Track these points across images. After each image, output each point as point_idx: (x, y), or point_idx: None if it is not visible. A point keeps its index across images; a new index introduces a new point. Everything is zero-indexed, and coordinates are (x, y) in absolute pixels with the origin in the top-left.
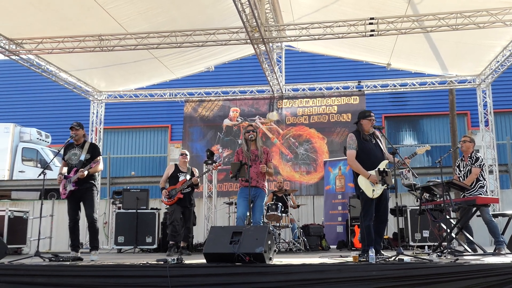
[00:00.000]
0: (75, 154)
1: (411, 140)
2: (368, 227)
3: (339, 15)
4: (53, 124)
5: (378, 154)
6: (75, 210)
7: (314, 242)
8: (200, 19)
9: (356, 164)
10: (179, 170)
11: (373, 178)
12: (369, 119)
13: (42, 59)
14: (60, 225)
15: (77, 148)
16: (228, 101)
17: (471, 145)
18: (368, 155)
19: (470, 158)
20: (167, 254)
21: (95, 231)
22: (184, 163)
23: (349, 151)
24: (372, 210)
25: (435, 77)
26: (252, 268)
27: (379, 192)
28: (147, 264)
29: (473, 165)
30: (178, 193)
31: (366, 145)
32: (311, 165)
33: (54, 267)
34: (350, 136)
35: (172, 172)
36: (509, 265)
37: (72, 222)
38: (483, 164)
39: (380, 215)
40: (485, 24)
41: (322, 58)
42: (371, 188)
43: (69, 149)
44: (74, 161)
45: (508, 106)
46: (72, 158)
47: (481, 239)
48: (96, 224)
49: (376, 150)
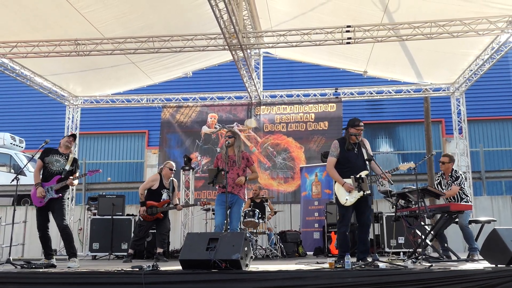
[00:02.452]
0: (58, 161)
1: (387, 147)
2: (343, 233)
3: (316, 23)
4: (28, 129)
5: (359, 164)
6: (45, 219)
7: (291, 248)
8: (178, 25)
9: (333, 172)
10: (163, 186)
11: (347, 186)
12: (357, 128)
13: (17, 63)
14: (33, 231)
15: (62, 156)
16: (206, 107)
17: (451, 165)
18: (349, 164)
19: (451, 176)
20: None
21: (69, 237)
22: (169, 177)
23: (330, 157)
24: (347, 217)
25: (411, 85)
26: (228, 275)
27: (353, 201)
28: (122, 271)
29: (454, 183)
30: (159, 213)
31: (348, 154)
32: (289, 174)
33: (26, 274)
34: (334, 143)
35: (157, 187)
36: (482, 271)
37: (41, 232)
38: (463, 182)
39: (362, 224)
40: (458, 33)
41: (299, 65)
42: (345, 196)
43: (52, 153)
44: (56, 168)
45: (481, 114)
46: (54, 164)
47: (455, 245)
48: (68, 229)
49: (357, 159)
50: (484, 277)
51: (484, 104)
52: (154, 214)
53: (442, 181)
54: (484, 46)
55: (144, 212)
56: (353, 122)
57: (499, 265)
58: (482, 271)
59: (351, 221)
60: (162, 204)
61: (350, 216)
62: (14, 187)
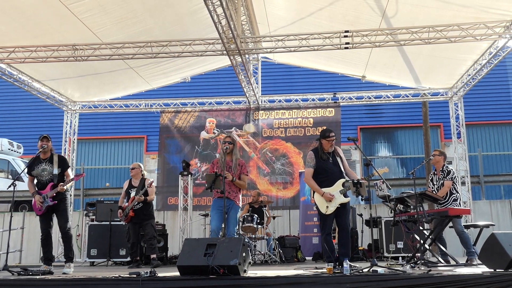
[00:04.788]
0: (45, 169)
1: (386, 152)
2: (325, 240)
3: (314, 28)
4: (26, 135)
5: (336, 173)
6: (48, 222)
7: (289, 253)
8: (176, 30)
9: (311, 182)
10: (131, 185)
11: (326, 196)
12: (328, 140)
13: (15, 69)
14: (31, 237)
15: (46, 163)
16: (204, 112)
17: (441, 159)
18: (325, 173)
19: (442, 171)
20: (128, 267)
21: (69, 240)
22: (135, 176)
23: (307, 169)
24: (328, 224)
25: (409, 89)
26: (226, 281)
27: (332, 209)
28: (119, 278)
29: (445, 178)
30: (130, 211)
31: (324, 164)
32: (288, 179)
33: (23, 281)
34: (309, 154)
35: (127, 188)
36: (481, 275)
37: (44, 235)
38: (455, 176)
39: (341, 228)
40: (456, 38)
41: (298, 70)
42: (325, 205)
43: (36, 164)
44: (46, 177)
45: (479, 118)
46: (43, 174)
47: (454, 250)
48: (69, 232)
49: (334, 168)
50: (482, 282)
51: (482, 108)
52: (127, 214)
53: (434, 177)
54: (482, 51)
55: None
56: (324, 133)
57: (497, 269)
58: (481, 276)
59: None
60: (130, 201)
61: (331, 222)
62: (12, 193)
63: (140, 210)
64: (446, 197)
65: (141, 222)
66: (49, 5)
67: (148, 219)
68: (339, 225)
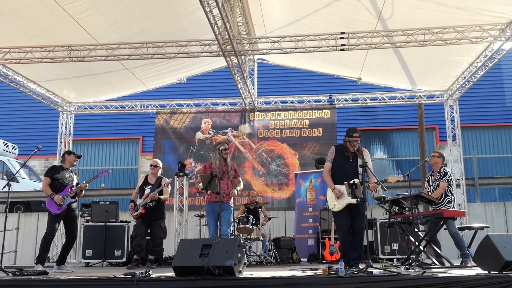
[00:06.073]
0: (70, 176)
1: (381, 154)
2: (341, 239)
3: (310, 29)
4: (21, 136)
5: (350, 172)
6: (58, 225)
7: (285, 255)
8: (172, 31)
9: (326, 177)
10: (147, 182)
11: (336, 192)
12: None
13: (10, 69)
14: (26, 238)
15: (68, 172)
16: (200, 113)
17: (440, 160)
18: (340, 170)
19: (439, 173)
20: (127, 267)
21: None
22: (153, 174)
23: (326, 163)
24: (340, 222)
25: (405, 91)
26: (221, 281)
27: (340, 207)
28: (114, 278)
29: (441, 180)
30: (141, 207)
31: (342, 161)
32: (283, 180)
33: (18, 282)
34: (331, 148)
35: (141, 184)
36: (475, 277)
37: (52, 236)
38: (450, 179)
39: (353, 232)
40: (452, 40)
41: (294, 71)
42: (333, 202)
43: (60, 170)
44: (69, 180)
45: (474, 121)
46: (67, 178)
47: (448, 251)
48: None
49: (350, 167)
50: (477, 284)
51: (478, 111)
52: (138, 210)
53: (431, 178)
54: (477, 53)
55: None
56: (348, 132)
57: (492, 271)
58: (475, 278)
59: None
60: (144, 197)
61: (344, 221)
62: (6, 194)
63: (151, 208)
64: (441, 199)
65: (150, 221)
66: (44, 5)
67: (158, 219)
68: (352, 228)
